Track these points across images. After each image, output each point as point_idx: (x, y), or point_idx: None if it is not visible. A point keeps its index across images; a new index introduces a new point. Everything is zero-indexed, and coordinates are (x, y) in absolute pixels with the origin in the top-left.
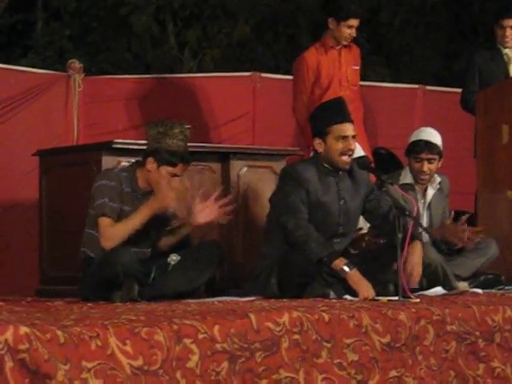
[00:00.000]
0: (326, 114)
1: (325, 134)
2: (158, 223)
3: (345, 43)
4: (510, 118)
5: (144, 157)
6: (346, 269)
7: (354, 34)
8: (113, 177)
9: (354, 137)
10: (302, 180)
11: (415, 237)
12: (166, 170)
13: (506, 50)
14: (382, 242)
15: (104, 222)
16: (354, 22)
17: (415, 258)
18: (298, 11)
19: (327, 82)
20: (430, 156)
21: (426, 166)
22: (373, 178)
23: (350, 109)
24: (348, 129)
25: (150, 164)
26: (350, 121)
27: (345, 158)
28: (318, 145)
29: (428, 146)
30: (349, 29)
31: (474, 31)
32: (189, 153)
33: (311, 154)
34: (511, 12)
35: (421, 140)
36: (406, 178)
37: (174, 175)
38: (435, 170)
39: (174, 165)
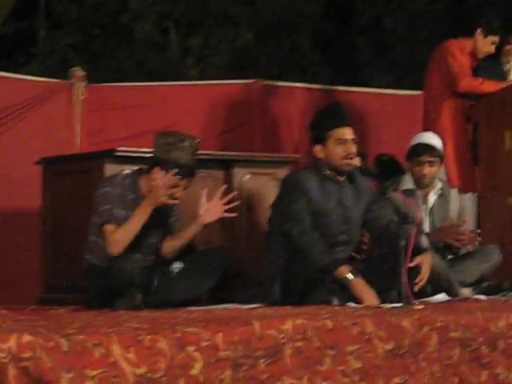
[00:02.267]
0: (325, 120)
1: (324, 139)
2: (161, 228)
3: (481, 57)
4: None
5: (150, 165)
6: (350, 276)
7: (492, 51)
8: (117, 183)
9: (353, 140)
10: (303, 188)
11: (423, 250)
12: (172, 180)
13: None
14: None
15: (110, 229)
16: (497, 40)
17: (424, 267)
18: (300, 18)
19: None
20: (431, 159)
21: (427, 169)
22: (375, 184)
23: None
24: (347, 132)
25: (157, 174)
26: (349, 125)
27: (347, 161)
28: (319, 151)
29: (428, 148)
30: (492, 45)
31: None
32: (196, 167)
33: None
34: None
35: (421, 143)
36: (407, 183)
37: (179, 187)
38: (436, 173)
39: (180, 177)
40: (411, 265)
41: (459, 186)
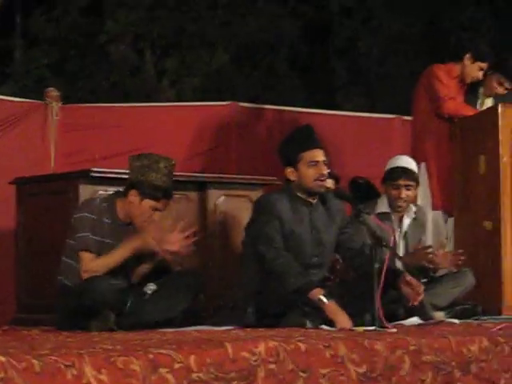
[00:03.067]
0: (296, 142)
1: (296, 161)
2: (136, 256)
3: (468, 82)
4: (487, 148)
5: (127, 188)
6: (324, 299)
7: (480, 78)
8: (94, 209)
9: (324, 162)
10: (275, 210)
11: (398, 272)
12: (148, 203)
13: (485, 98)
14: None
15: (86, 256)
16: (485, 67)
17: (413, 281)
18: (277, 40)
19: None
20: (408, 182)
21: (404, 193)
22: (349, 207)
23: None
24: (318, 154)
25: (133, 196)
26: (320, 147)
27: (319, 183)
28: (290, 173)
29: (405, 172)
30: (479, 71)
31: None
32: (172, 188)
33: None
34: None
35: (398, 167)
36: (383, 206)
37: (156, 209)
38: (413, 196)
39: (157, 199)
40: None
41: (445, 210)
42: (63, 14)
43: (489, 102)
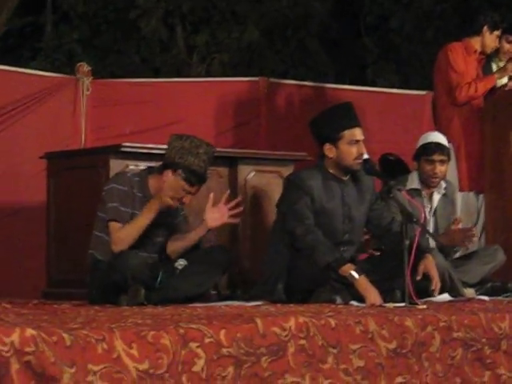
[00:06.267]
0: (337, 119)
1: (336, 139)
2: (167, 227)
3: (488, 53)
4: None
5: (162, 167)
6: (354, 274)
7: (498, 46)
8: (125, 181)
9: (363, 140)
10: (306, 187)
11: (426, 250)
12: (182, 185)
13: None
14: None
15: (115, 226)
16: (500, 34)
17: (432, 272)
18: (308, 16)
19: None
20: (442, 157)
21: (438, 168)
22: (379, 183)
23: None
24: (359, 133)
25: (167, 176)
26: (360, 125)
27: (357, 161)
28: (329, 150)
29: (439, 147)
30: (497, 39)
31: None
32: (207, 174)
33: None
34: None
35: (431, 142)
36: (413, 183)
37: (189, 193)
38: (445, 172)
39: (191, 184)
40: (418, 278)
41: (472, 190)
42: None
43: (501, 65)
